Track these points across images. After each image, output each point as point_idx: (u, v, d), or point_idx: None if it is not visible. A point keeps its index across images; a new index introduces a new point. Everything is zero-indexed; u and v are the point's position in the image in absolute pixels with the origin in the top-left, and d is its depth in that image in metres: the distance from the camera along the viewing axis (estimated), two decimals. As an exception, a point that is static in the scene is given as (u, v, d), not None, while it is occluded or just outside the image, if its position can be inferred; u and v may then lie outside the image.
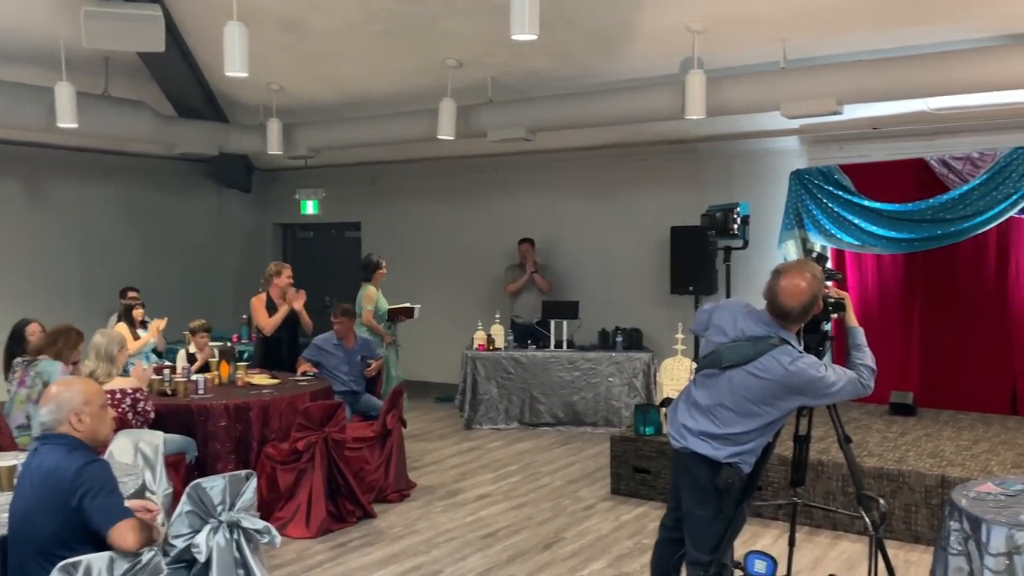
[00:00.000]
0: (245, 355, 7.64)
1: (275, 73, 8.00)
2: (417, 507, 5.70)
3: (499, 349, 8.16)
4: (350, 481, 5.31)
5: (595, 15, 6.44)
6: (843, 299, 3.44)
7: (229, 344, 7.10)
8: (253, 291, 7.09)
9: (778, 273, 3.22)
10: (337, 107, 8.68)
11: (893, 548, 4.78)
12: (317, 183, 10.51)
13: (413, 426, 7.88)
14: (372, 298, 7.50)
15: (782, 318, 3.20)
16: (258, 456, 5.27)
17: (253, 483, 3.33)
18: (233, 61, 5.39)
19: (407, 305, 7.90)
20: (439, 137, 7.55)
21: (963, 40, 6.00)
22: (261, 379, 6.07)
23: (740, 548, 4.24)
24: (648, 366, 7.94)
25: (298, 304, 6.64)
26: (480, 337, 8.20)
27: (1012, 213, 6.81)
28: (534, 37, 4.89)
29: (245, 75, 5.59)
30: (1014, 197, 6.74)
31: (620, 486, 5.99)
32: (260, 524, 3.28)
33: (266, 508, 5.00)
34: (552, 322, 8.23)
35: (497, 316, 8.45)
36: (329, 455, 5.23)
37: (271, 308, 6.67)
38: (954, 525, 2.66)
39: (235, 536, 3.22)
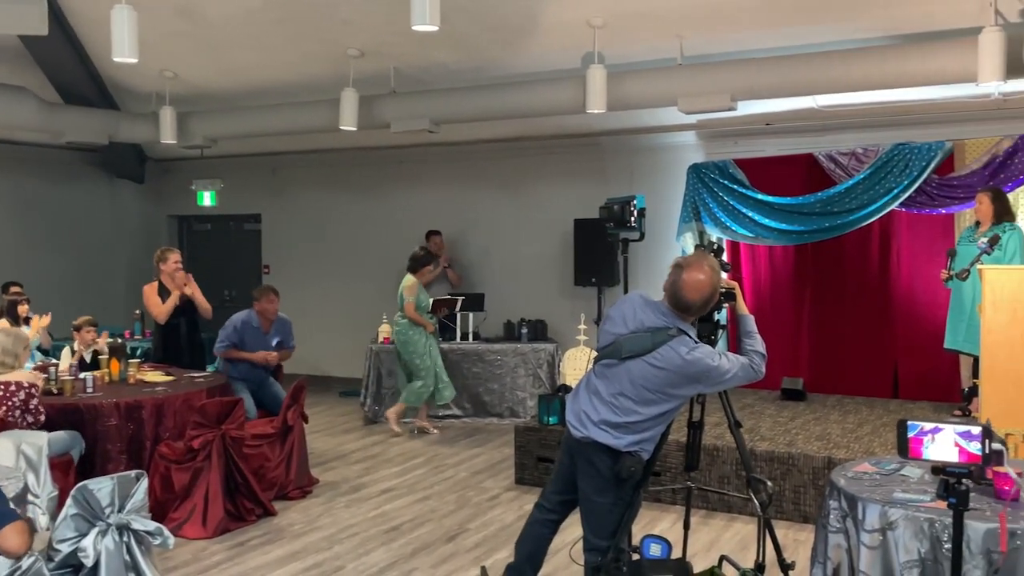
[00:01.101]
0: (139, 352, 7.38)
1: (168, 60, 7.72)
2: (319, 503, 5.62)
3: (404, 342, 8.10)
4: (249, 479, 5.19)
5: (497, 8, 6.47)
6: (733, 289, 3.55)
7: (120, 340, 6.82)
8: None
9: (679, 267, 3.30)
10: (235, 96, 8.45)
11: (783, 528, 4.99)
12: (215, 174, 10.22)
13: (316, 421, 7.76)
14: (414, 290, 7.39)
15: (684, 311, 3.29)
16: (152, 456, 5.10)
17: (144, 483, 3.21)
18: (121, 46, 5.19)
19: (449, 297, 7.94)
20: (341, 128, 7.45)
21: (849, 40, 6.28)
22: (155, 376, 5.87)
23: (640, 532, 4.35)
24: (553, 357, 8.04)
25: (188, 289, 6.44)
26: (385, 330, 8.13)
27: (894, 206, 7.17)
28: (435, 28, 4.87)
29: (135, 61, 5.38)
30: (895, 191, 7.10)
31: (524, 476, 6.05)
32: (152, 525, 3.17)
33: (160, 509, 4.85)
34: (458, 315, 8.23)
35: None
36: (227, 453, 5.10)
37: (165, 296, 6.44)
38: (833, 504, 2.80)
39: (125, 539, 3.10)
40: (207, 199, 10.26)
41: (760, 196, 7.70)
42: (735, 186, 7.83)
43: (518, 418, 7.64)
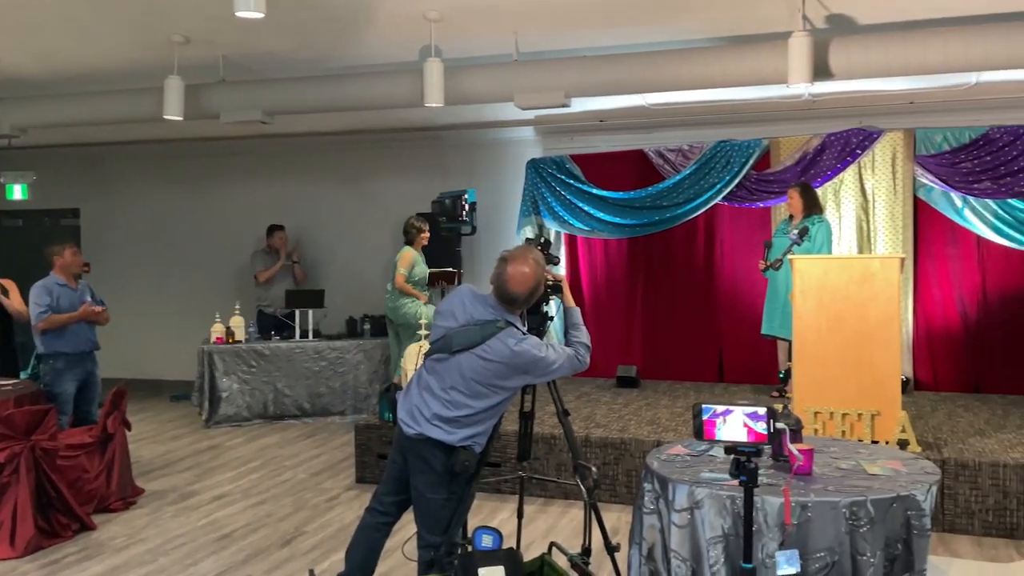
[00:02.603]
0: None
1: (-34, 41, 7.06)
2: (144, 514, 5.32)
3: (239, 342, 7.81)
4: (64, 492, 4.84)
5: (331, -3, 6.31)
6: (560, 282, 3.62)
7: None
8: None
9: (504, 261, 3.33)
10: (47, 82, 7.83)
11: (617, 511, 5.16)
12: (26, 165, 9.45)
13: (144, 428, 7.36)
14: (408, 261, 7.12)
15: (509, 303, 3.32)
16: (-51, 473, 4.66)
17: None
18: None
19: (449, 269, 7.63)
20: (165, 117, 7.07)
21: (675, 41, 6.55)
22: (-46, 386, 5.38)
23: (481, 523, 4.37)
24: (395, 352, 7.98)
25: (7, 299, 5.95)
26: (218, 330, 7.79)
27: (717, 200, 7.56)
28: (260, 15, 4.71)
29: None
30: (718, 186, 7.49)
31: (365, 474, 5.97)
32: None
33: (-41, 531, 4.45)
34: (297, 312, 8.01)
35: (237, 307, 8.08)
36: (38, 466, 4.73)
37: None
38: (648, 487, 2.92)
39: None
40: (17, 192, 9.47)
41: (595, 191, 7.93)
42: (571, 181, 8.03)
43: (362, 415, 7.53)
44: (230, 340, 7.77)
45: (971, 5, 5.40)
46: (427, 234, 7.57)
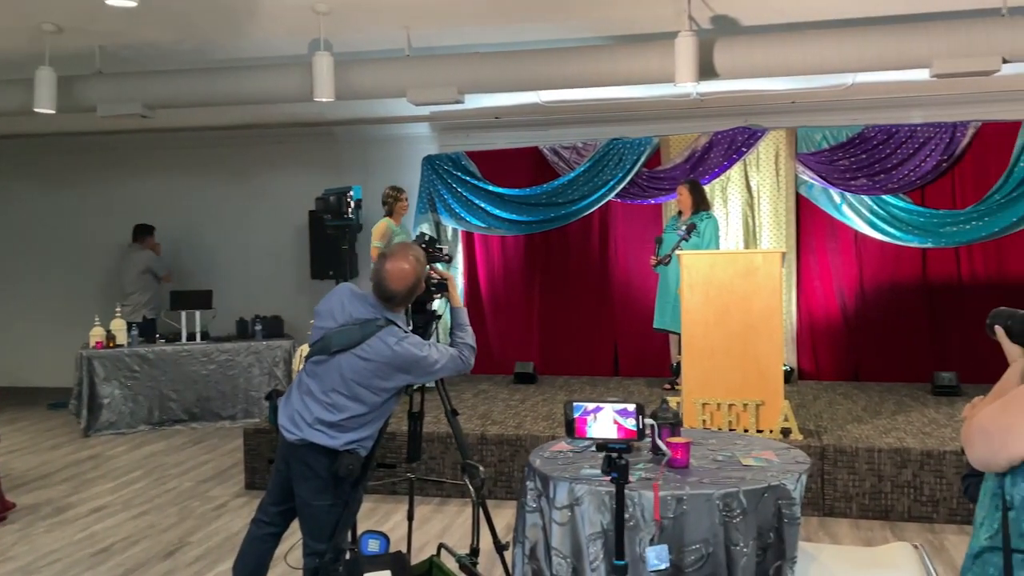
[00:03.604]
0: None
1: None
2: (15, 530, 5.02)
3: (121, 346, 7.47)
4: (-79, 511, 4.53)
5: (212, -13, 6.08)
6: (446, 281, 3.58)
7: None
8: None
9: (384, 257, 3.27)
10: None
11: (512, 508, 5.15)
12: None
13: (17, 438, 6.97)
14: (381, 232, 6.55)
15: (388, 300, 3.25)
16: None
17: None
18: None
19: (439, 246, 7.04)
20: (36, 110, 6.69)
21: (567, 40, 6.59)
22: None
23: (374, 527, 4.31)
24: (289, 354, 7.78)
25: None
26: (97, 334, 7.42)
27: (611, 197, 7.67)
28: (134, 4, 4.50)
29: None
30: (611, 183, 7.60)
31: (255, 480, 5.79)
32: None
33: None
34: (183, 314, 7.72)
35: (118, 310, 7.73)
36: None
37: None
38: (530, 485, 2.91)
39: None
40: None
41: (491, 187, 7.92)
42: (468, 178, 8.00)
43: (254, 419, 7.32)
44: (111, 344, 7.42)
45: (845, 8, 5.63)
46: (406, 203, 7.08)
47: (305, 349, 5.17)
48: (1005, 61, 5.38)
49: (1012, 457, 1.87)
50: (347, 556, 3.43)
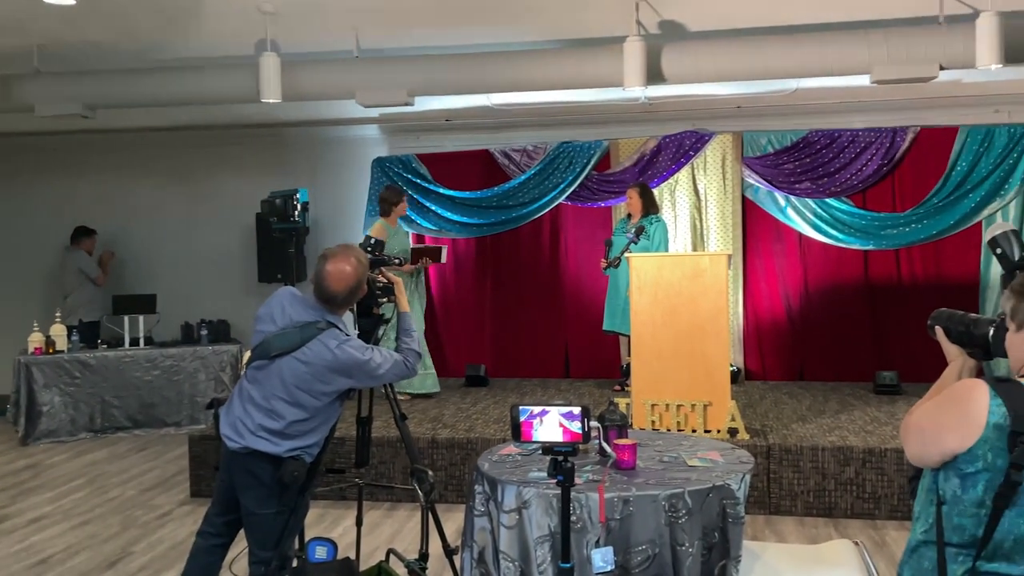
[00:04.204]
0: None
1: None
2: (-52, 544, 4.86)
3: (61, 352, 7.27)
4: None
5: (155, -15, 5.97)
6: (392, 285, 3.55)
7: None
8: None
9: (324, 258, 3.23)
10: None
11: (462, 512, 5.14)
12: None
13: (-49, 449, 6.74)
14: (378, 233, 6.37)
15: (328, 302, 3.22)
16: None
17: None
18: None
19: (432, 246, 6.99)
20: (-29, 110, 6.50)
21: (517, 43, 6.61)
22: None
23: (323, 533, 4.26)
24: (236, 358, 7.67)
25: None
26: (36, 339, 7.22)
27: (561, 200, 7.70)
28: (73, 2, 4.39)
29: None
30: (561, 186, 7.63)
31: (201, 488, 5.69)
32: None
33: None
34: (126, 318, 7.55)
35: (58, 315, 7.53)
36: None
37: None
38: (479, 488, 2.91)
39: None
40: None
41: (442, 190, 7.90)
42: (418, 180, 7.97)
43: (200, 425, 7.19)
44: (50, 350, 7.22)
45: (789, 15, 5.73)
46: (404, 204, 6.91)
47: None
48: (942, 68, 5.53)
49: (944, 452, 1.92)
50: (294, 564, 3.39)
